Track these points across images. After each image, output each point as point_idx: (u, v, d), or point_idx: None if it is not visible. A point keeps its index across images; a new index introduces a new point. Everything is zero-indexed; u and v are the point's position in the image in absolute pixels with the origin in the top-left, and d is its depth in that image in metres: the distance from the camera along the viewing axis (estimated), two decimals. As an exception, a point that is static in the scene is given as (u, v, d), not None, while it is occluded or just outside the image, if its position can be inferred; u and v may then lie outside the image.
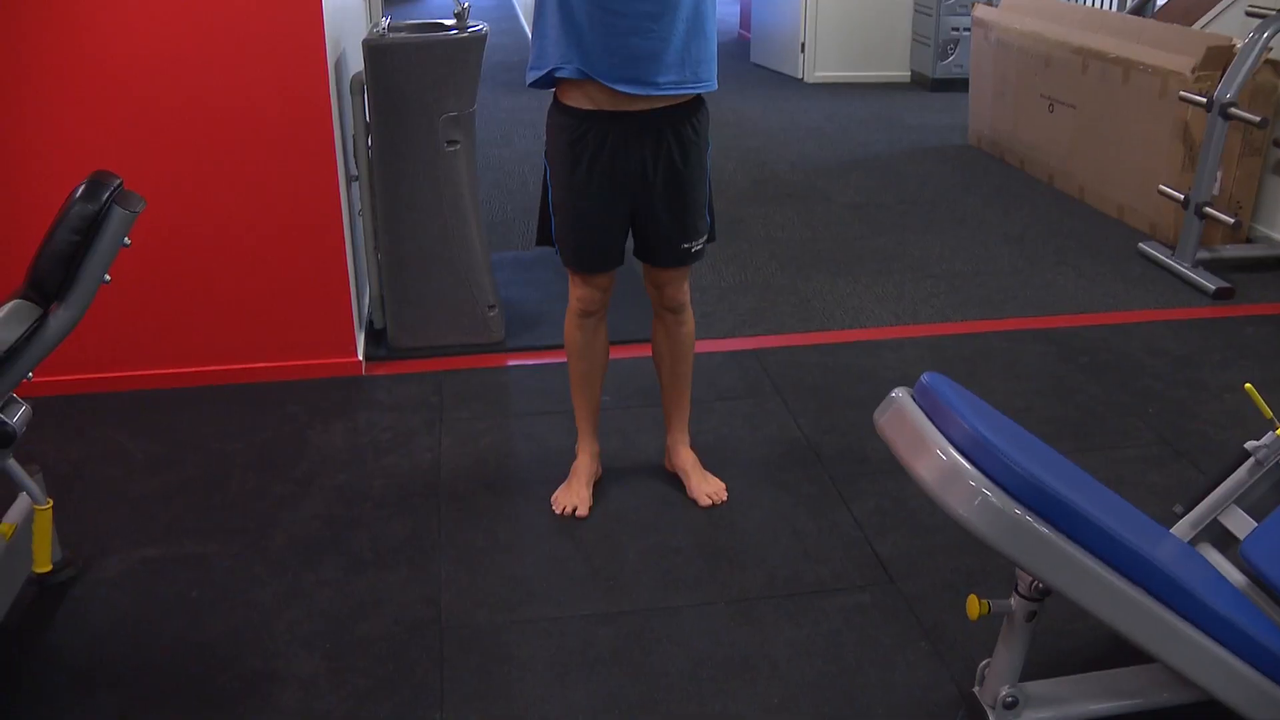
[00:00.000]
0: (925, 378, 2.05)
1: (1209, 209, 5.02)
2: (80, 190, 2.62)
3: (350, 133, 4.21)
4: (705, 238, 3.16)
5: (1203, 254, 5.13)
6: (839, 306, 4.77)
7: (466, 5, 4.13)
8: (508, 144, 7.46)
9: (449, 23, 4.18)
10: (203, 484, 3.48)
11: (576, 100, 2.94)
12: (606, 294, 3.21)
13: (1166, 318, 4.70)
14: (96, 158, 3.61)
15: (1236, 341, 4.46)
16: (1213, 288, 4.89)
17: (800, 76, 9.64)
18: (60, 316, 2.62)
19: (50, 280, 2.61)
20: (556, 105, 3.02)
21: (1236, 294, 4.88)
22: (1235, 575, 2.43)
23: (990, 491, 1.82)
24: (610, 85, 2.84)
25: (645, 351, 3.46)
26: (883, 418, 2.09)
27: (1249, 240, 5.54)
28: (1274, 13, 5.06)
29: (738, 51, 11.00)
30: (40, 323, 2.59)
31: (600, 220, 3.05)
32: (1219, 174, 5.21)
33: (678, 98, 2.93)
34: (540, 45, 2.92)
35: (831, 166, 6.98)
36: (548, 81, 2.95)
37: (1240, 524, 2.51)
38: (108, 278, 2.68)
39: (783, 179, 6.70)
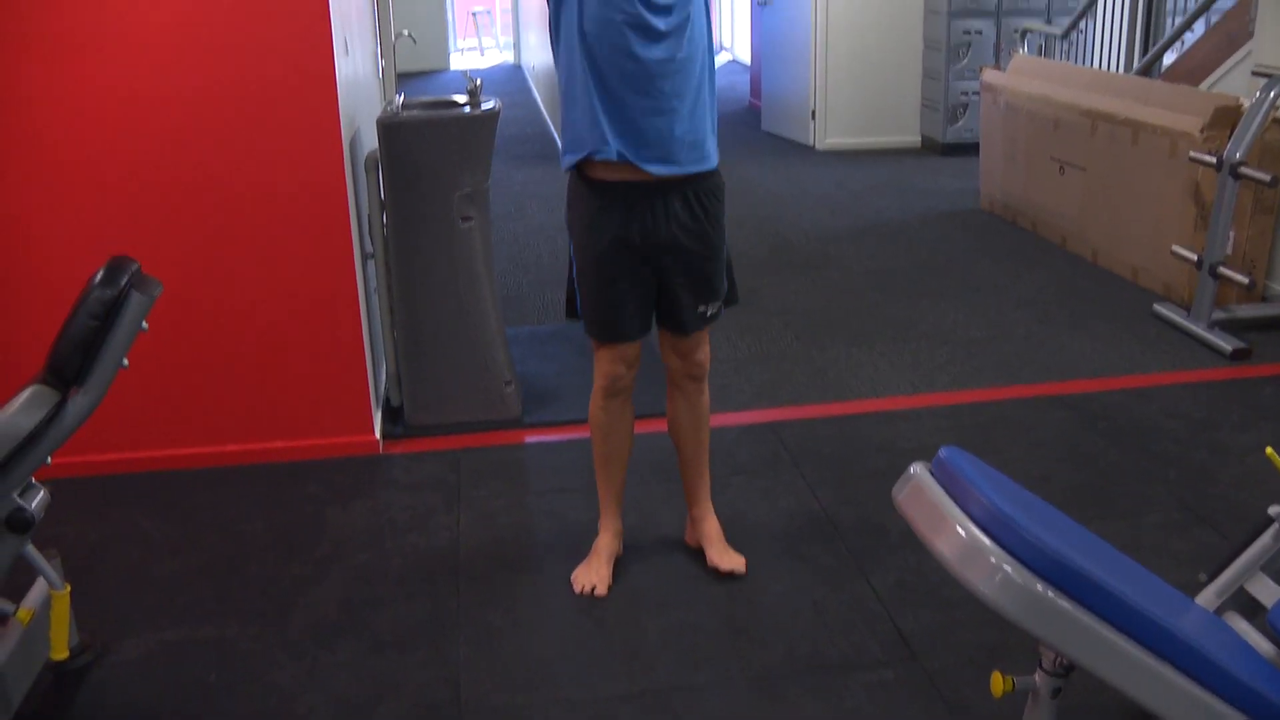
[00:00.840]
0: (943, 452, 2.04)
1: (1223, 269, 5.02)
2: (99, 276, 2.64)
3: (365, 210, 4.24)
4: (722, 301, 3.21)
5: (1218, 314, 5.12)
6: (855, 376, 4.76)
7: (479, 82, 4.18)
8: (522, 217, 7.50)
9: (462, 99, 4.22)
10: (222, 565, 3.48)
11: (599, 173, 3.01)
12: (633, 369, 3.23)
13: (1184, 380, 4.69)
14: (113, 239, 3.64)
15: (1255, 402, 4.44)
16: (1229, 348, 4.87)
17: (811, 144, 9.70)
18: (78, 402, 2.63)
19: (69, 366, 2.62)
20: (578, 178, 3.08)
21: (1254, 354, 4.86)
22: (1263, 645, 2.39)
23: (1011, 567, 1.80)
24: (641, 166, 2.93)
25: (660, 427, 3.46)
26: (901, 494, 2.08)
27: (1264, 299, 5.53)
28: (1279, 72, 5.08)
29: (749, 120, 11.08)
30: (59, 408, 2.60)
31: (625, 289, 3.09)
32: (1231, 233, 5.21)
33: (688, 173, 3.01)
34: (573, 131, 3.00)
35: (844, 234, 7.00)
36: (579, 155, 3.02)
37: (1267, 591, 2.48)
38: (125, 362, 2.70)
39: (796, 247, 6.73)
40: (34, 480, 2.69)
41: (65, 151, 3.73)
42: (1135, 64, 7.36)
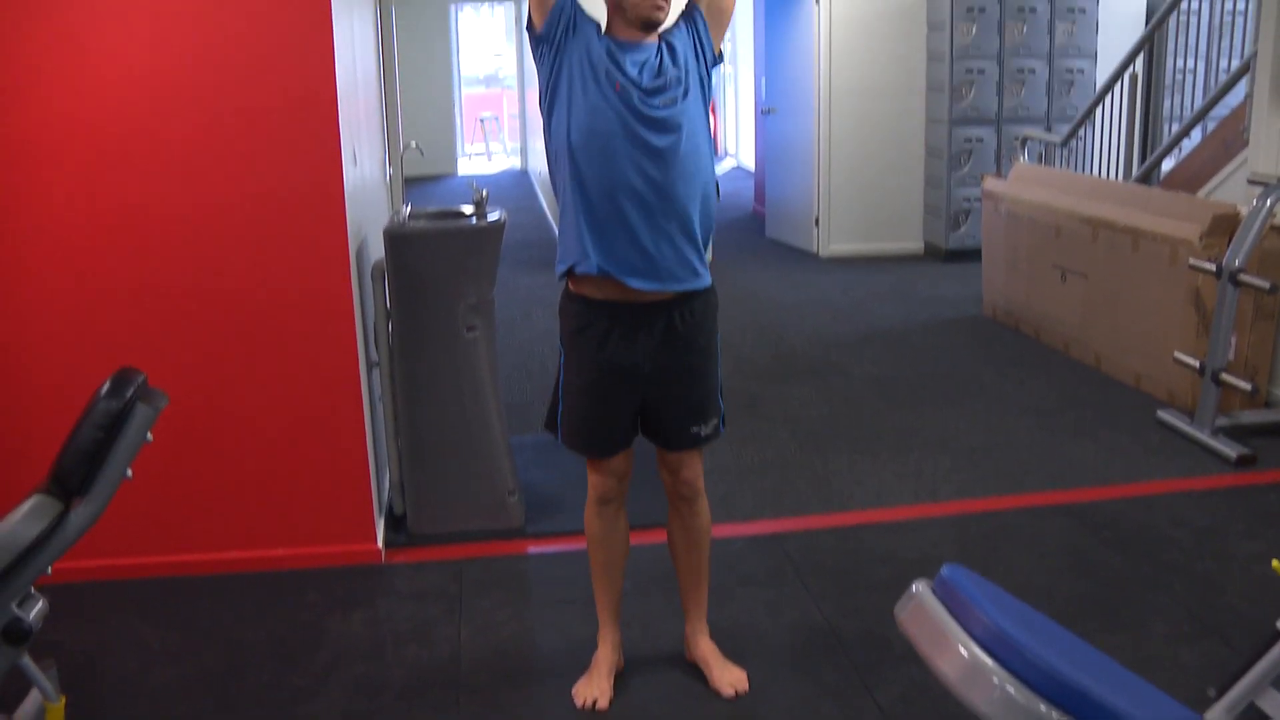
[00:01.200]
0: (945, 570, 2.03)
1: (1225, 375, 5.03)
2: (105, 387, 2.66)
3: (371, 318, 4.27)
4: (716, 422, 3.19)
5: (1222, 420, 5.13)
6: (858, 485, 4.76)
7: (485, 193, 4.24)
8: (527, 323, 7.54)
9: (468, 210, 4.27)
10: (221, 675, 3.45)
11: (587, 289, 3.02)
12: (623, 482, 3.21)
13: (1188, 487, 4.68)
14: (121, 346, 3.70)
15: (1261, 510, 4.42)
16: (1234, 455, 4.87)
17: (815, 251, 9.78)
18: (81, 513, 2.63)
19: (73, 477, 2.63)
20: (567, 293, 3.10)
21: (1258, 460, 4.85)
22: (1273, 763, 2.37)
23: (1012, 687, 1.79)
24: (624, 281, 2.93)
25: (663, 537, 3.45)
26: (903, 613, 2.07)
27: (1268, 405, 5.53)
28: (1275, 181, 5.14)
29: (753, 226, 11.19)
30: (61, 519, 2.60)
31: (607, 405, 3.09)
32: (1233, 339, 5.23)
33: (679, 292, 3.02)
34: (562, 240, 3.02)
35: (848, 341, 7.03)
36: (571, 274, 3.04)
37: (1278, 707, 2.45)
38: (129, 473, 2.70)
39: (800, 354, 6.75)
40: (33, 590, 2.68)
41: (76, 259, 3.77)
42: (1134, 171, 7.45)
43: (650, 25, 2.94)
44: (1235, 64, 6.45)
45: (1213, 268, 5.12)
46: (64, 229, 3.75)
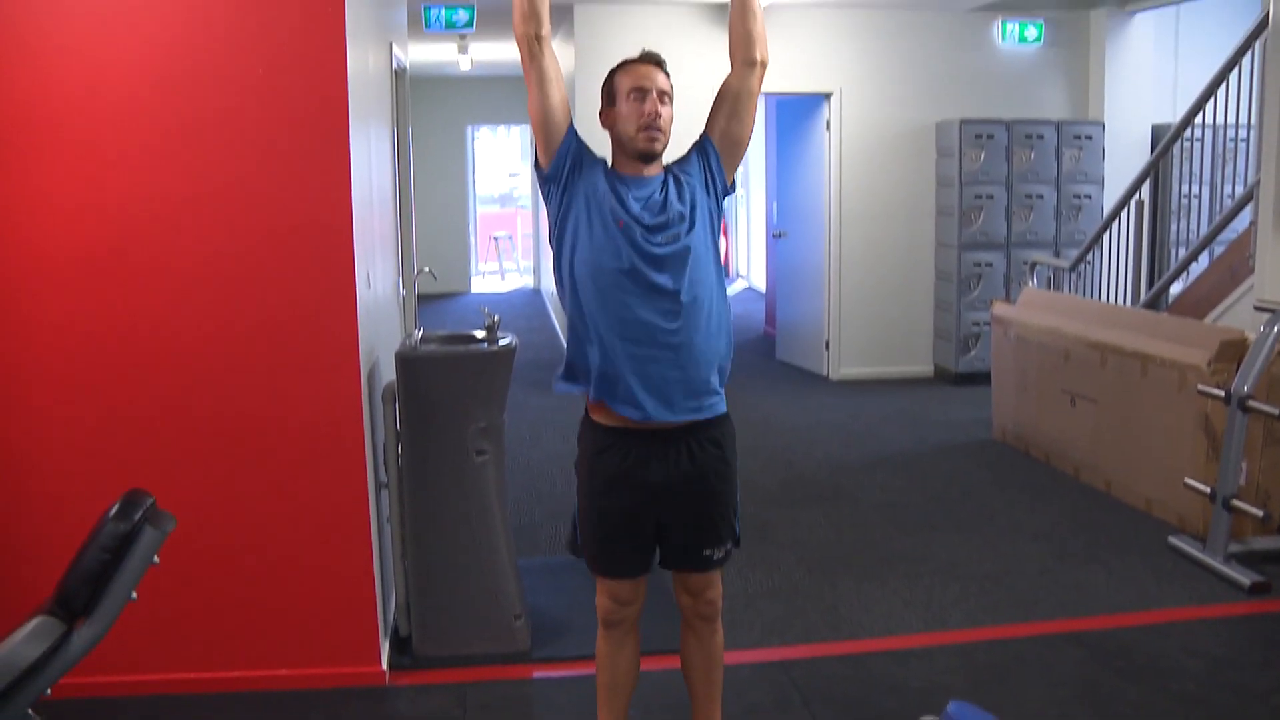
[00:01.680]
0: (951, 707, 2.02)
1: (1236, 502, 5.01)
2: (114, 509, 2.68)
3: (381, 439, 4.29)
4: (730, 545, 3.19)
5: (1235, 547, 5.09)
6: (867, 613, 4.71)
7: (497, 318, 4.27)
8: (537, 444, 7.55)
9: (480, 334, 4.31)
10: (220, 802, 3.41)
11: (603, 416, 3.08)
12: (633, 606, 3.21)
13: (1202, 615, 4.64)
14: (130, 465, 3.73)
15: (1277, 639, 4.38)
16: (1248, 582, 4.83)
17: (825, 374, 9.81)
18: (83, 634, 2.63)
19: (77, 598, 2.63)
20: (586, 419, 3.15)
21: (1273, 588, 4.81)
22: None
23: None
24: (628, 415, 2.99)
25: (673, 663, 3.42)
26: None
27: (1280, 531, 5.51)
28: (1280, 307, 5.18)
29: (763, 348, 11.24)
30: (63, 640, 2.60)
31: (622, 528, 3.11)
32: (1244, 465, 5.22)
33: (695, 420, 3.06)
34: (570, 362, 3.08)
35: (857, 465, 7.02)
36: (575, 389, 3.09)
37: None
38: (134, 595, 2.70)
39: (809, 479, 6.74)
40: (30, 712, 2.66)
41: (88, 378, 3.81)
42: (1142, 296, 7.50)
43: (649, 157, 3.03)
44: (1239, 190, 6.53)
45: (1221, 394, 5.13)
46: (76, 347, 3.78)
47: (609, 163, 3.10)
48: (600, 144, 3.16)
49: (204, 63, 3.72)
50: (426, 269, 5.90)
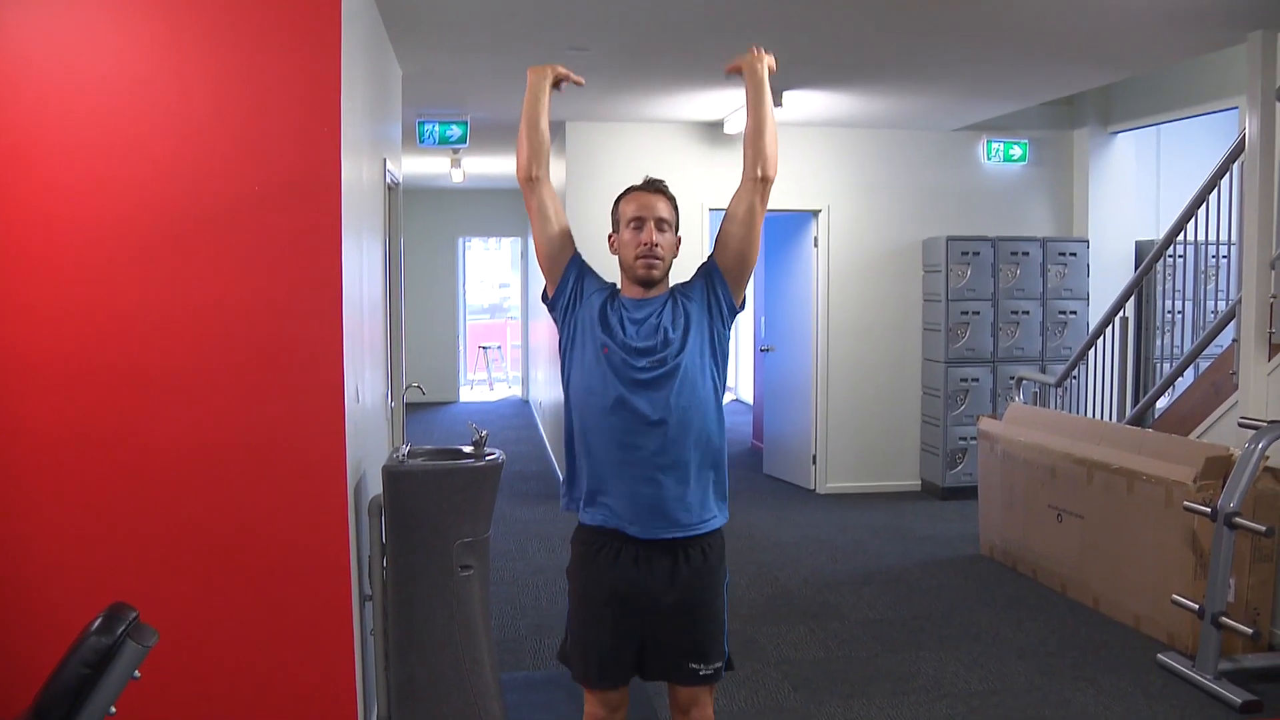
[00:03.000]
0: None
1: (1225, 619, 4.99)
2: (96, 623, 2.66)
3: (366, 553, 4.28)
4: (720, 665, 3.21)
5: (1225, 665, 5.07)
6: (854, 731, 4.67)
7: (484, 434, 4.29)
8: (523, 556, 7.51)
9: (467, 449, 4.32)
10: None
11: (594, 526, 3.16)
12: (614, 715, 3.23)
13: (1193, 736, 4.60)
14: (113, 577, 3.69)
15: (1268, 762, 4.34)
16: (1239, 701, 4.80)
17: (812, 487, 9.80)
18: (60, 751, 2.60)
19: (54, 712, 2.60)
20: (579, 525, 3.23)
21: (1265, 707, 4.77)
22: None
23: None
24: (623, 529, 3.07)
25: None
26: None
27: (1271, 648, 5.48)
28: (1265, 424, 5.21)
29: (750, 462, 11.23)
30: (38, 757, 2.57)
31: (606, 638, 3.16)
32: (1232, 582, 5.21)
33: (684, 536, 3.12)
34: (569, 476, 3.20)
35: (844, 581, 6.99)
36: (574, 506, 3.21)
37: None
38: (113, 709, 2.68)
39: (795, 595, 6.70)
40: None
41: (69, 487, 3.77)
42: (1128, 411, 7.53)
43: (647, 283, 3.16)
44: (1223, 305, 6.60)
45: (1208, 510, 5.14)
46: (59, 458, 3.75)
47: (618, 284, 3.25)
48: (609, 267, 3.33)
49: (199, 176, 3.77)
50: (416, 385, 5.92)
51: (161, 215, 3.76)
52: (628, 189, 3.29)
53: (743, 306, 3.29)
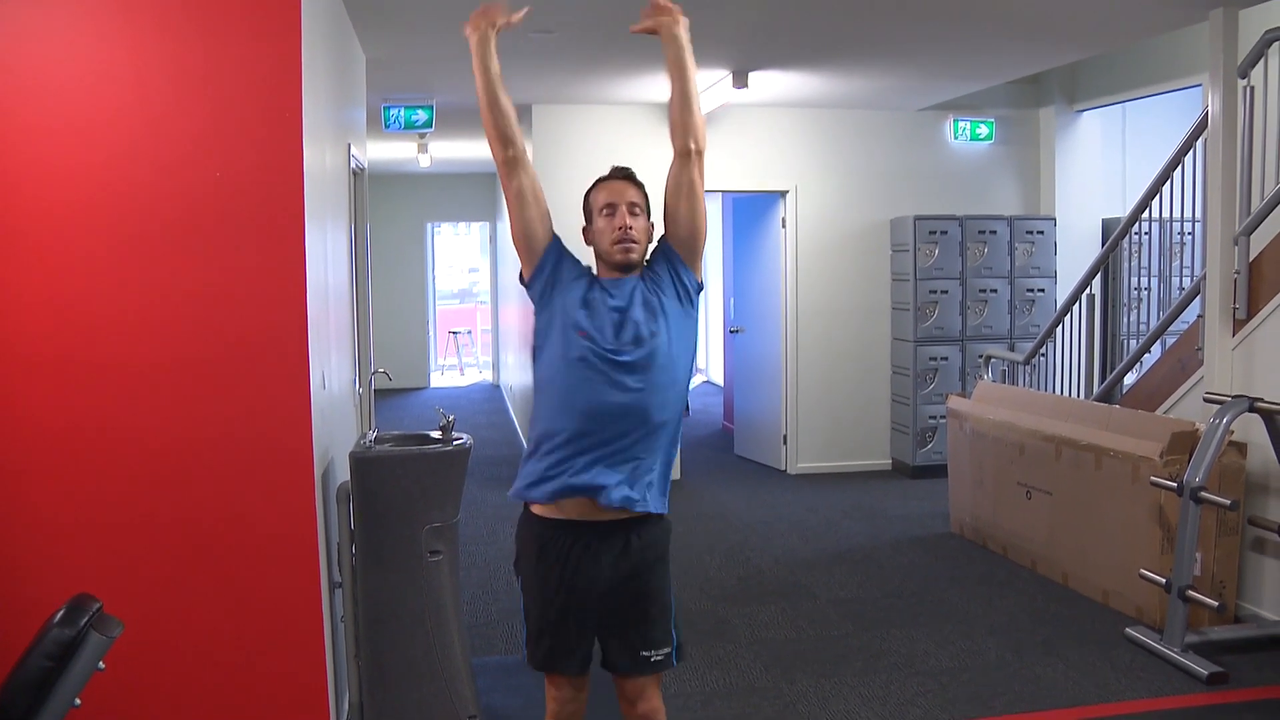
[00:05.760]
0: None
1: (1191, 592, 5.04)
2: (59, 614, 2.64)
3: (335, 540, 4.26)
4: (669, 651, 3.22)
5: (1192, 637, 5.11)
6: (824, 710, 4.67)
7: (451, 418, 4.28)
8: (494, 541, 7.49)
9: (435, 434, 4.31)
10: None
11: (546, 510, 3.14)
12: (576, 703, 3.25)
13: (1160, 707, 4.64)
14: (79, 569, 3.67)
15: (1234, 732, 4.38)
16: (1205, 673, 4.84)
17: (783, 468, 9.82)
18: (22, 745, 2.58)
19: (16, 705, 2.59)
20: (526, 516, 3.22)
21: (1230, 678, 4.82)
22: None
23: None
24: (594, 498, 3.05)
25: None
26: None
27: (1238, 620, 5.53)
28: (1229, 398, 5.25)
29: (721, 443, 11.25)
30: (0, 751, 2.56)
31: (560, 623, 3.17)
32: (1198, 555, 5.25)
33: (636, 514, 3.13)
34: (529, 463, 3.17)
35: (815, 560, 7.01)
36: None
37: None
38: (78, 701, 2.66)
39: (766, 575, 6.71)
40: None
41: (34, 477, 3.74)
42: (1095, 388, 7.57)
43: (626, 268, 3.18)
44: (1189, 281, 6.63)
45: (1174, 485, 5.18)
46: (23, 447, 3.72)
47: (594, 269, 3.25)
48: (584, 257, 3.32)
49: (158, 165, 3.73)
50: (383, 370, 5.90)
51: (121, 205, 3.72)
52: (596, 180, 3.28)
53: (702, 285, 3.29)
